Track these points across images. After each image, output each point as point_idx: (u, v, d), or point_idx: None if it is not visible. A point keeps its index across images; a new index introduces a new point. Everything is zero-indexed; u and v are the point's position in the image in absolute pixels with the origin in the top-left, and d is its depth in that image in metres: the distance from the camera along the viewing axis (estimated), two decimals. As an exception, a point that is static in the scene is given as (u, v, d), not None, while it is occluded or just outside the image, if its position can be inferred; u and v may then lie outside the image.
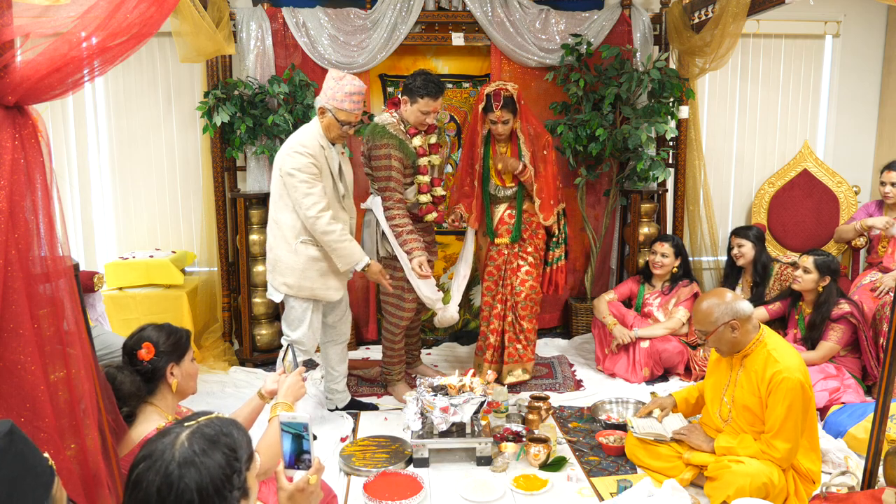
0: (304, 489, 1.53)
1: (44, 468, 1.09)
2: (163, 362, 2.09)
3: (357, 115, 3.04)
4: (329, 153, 3.07)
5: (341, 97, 2.97)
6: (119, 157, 4.51)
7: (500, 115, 3.47)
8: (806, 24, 4.81)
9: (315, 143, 3.01)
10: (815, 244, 4.67)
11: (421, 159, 3.39)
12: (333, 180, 3.08)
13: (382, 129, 3.30)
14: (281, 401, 2.01)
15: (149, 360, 2.07)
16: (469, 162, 3.67)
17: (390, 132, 3.29)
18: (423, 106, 3.26)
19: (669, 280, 4.08)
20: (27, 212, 1.46)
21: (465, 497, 2.62)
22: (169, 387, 2.11)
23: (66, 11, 1.48)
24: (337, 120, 3.00)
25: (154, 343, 2.09)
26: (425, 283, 3.39)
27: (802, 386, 2.42)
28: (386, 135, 3.28)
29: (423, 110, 3.27)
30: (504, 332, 3.72)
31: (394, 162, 3.28)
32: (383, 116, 3.38)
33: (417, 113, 3.28)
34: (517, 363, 3.74)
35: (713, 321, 2.55)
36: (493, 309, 3.72)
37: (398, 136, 3.30)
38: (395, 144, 3.28)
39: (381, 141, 3.28)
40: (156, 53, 4.42)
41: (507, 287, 3.69)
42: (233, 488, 1.19)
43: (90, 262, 4.54)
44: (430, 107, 3.26)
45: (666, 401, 2.96)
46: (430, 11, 4.24)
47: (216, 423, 1.25)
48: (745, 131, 4.97)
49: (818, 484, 2.53)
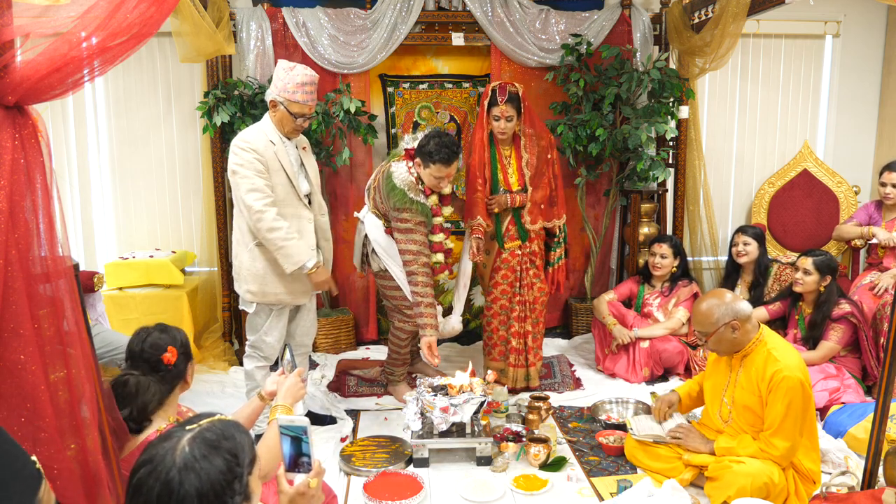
0: (304, 493, 1.52)
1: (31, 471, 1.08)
2: (184, 363, 2.13)
3: (311, 107, 2.93)
4: (283, 149, 2.95)
5: (293, 88, 2.86)
6: (119, 157, 4.51)
7: (504, 110, 3.41)
8: (806, 24, 4.81)
9: (262, 138, 2.91)
10: (815, 244, 4.67)
11: (435, 219, 3.31)
12: (289, 177, 2.95)
13: (403, 194, 3.18)
14: (280, 402, 2.00)
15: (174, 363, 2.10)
16: (476, 168, 3.56)
17: (412, 198, 3.18)
18: (435, 171, 3.14)
19: (669, 280, 4.08)
20: (27, 212, 1.46)
21: (465, 497, 2.62)
22: (185, 385, 2.15)
23: (66, 11, 1.48)
24: (290, 113, 2.90)
25: (175, 345, 2.11)
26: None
27: (802, 385, 2.42)
28: (408, 201, 3.18)
29: (436, 175, 3.15)
30: (527, 334, 3.67)
31: (420, 228, 3.20)
32: (402, 174, 3.21)
33: (431, 178, 3.17)
34: (533, 365, 3.72)
35: (713, 322, 2.55)
36: (512, 312, 3.64)
37: (419, 200, 3.20)
38: (418, 210, 3.19)
39: (405, 207, 3.18)
40: (156, 53, 4.42)
41: (524, 289, 3.63)
42: (234, 493, 1.18)
43: (90, 262, 4.54)
44: (443, 173, 3.14)
45: (672, 397, 2.96)
46: (430, 11, 4.24)
47: (218, 427, 1.24)
48: (745, 131, 4.97)
49: (818, 484, 2.53)
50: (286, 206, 2.96)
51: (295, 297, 3.05)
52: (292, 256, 2.89)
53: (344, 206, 4.45)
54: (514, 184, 3.58)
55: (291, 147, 3.04)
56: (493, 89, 3.44)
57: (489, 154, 3.56)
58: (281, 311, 3.10)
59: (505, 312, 3.67)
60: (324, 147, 4.14)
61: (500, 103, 3.41)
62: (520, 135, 3.55)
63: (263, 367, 3.16)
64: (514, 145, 3.58)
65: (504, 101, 3.40)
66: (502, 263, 3.63)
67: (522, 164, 3.56)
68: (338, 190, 4.42)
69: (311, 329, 3.32)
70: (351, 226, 4.45)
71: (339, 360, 4.24)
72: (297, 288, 3.04)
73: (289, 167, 2.96)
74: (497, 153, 3.58)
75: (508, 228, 3.61)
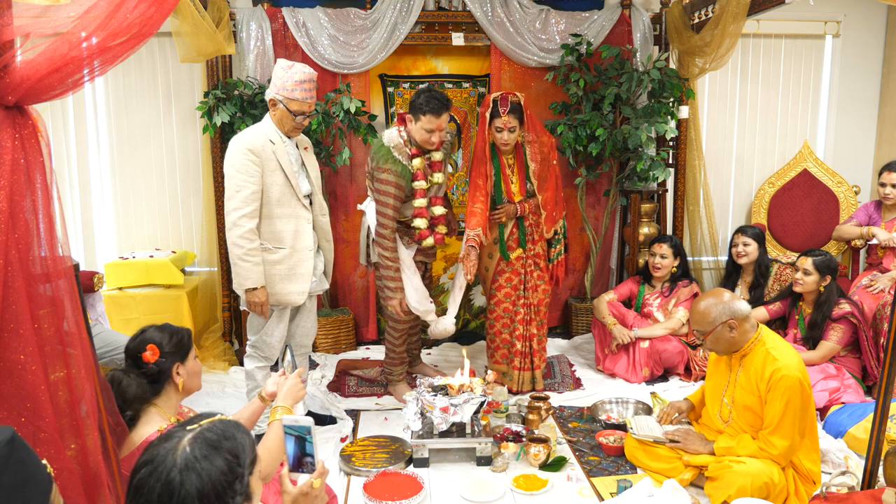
0: (307, 493, 1.52)
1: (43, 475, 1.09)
2: (168, 363, 2.10)
3: (310, 105, 2.93)
4: (283, 148, 2.95)
5: (291, 86, 2.86)
6: (119, 157, 4.51)
7: (507, 121, 3.36)
8: (806, 24, 4.81)
9: (262, 138, 2.91)
10: (815, 244, 4.67)
11: (416, 183, 3.28)
12: (288, 177, 2.95)
13: (388, 151, 3.21)
14: (280, 403, 2.00)
15: (154, 362, 2.08)
16: (478, 179, 3.51)
17: (395, 157, 3.21)
18: (426, 123, 3.15)
19: (669, 280, 4.08)
20: (27, 212, 1.46)
21: (465, 497, 2.62)
22: (175, 386, 2.12)
23: (66, 11, 1.48)
24: (289, 111, 2.90)
25: (158, 344, 2.09)
26: (414, 295, 3.37)
27: (801, 384, 2.43)
28: (390, 159, 3.20)
29: (427, 128, 3.16)
30: (531, 337, 3.65)
31: (392, 189, 3.20)
32: (391, 134, 3.26)
33: (421, 131, 3.18)
34: (538, 368, 3.72)
35: (711, 321, 2.55)
36: (517, 315, 3.63)
37: (402, 161, 3.22)
38: (397, 171, 3.19)
39: (385, 165, 3.19)
40: (156, 53, 4.42)
41: (529, 291, 3.61)
42: (235, 494, 1.18)
43: (90, 262, 4.54)
44: (433, 124, 3.14)
45: (682, 405, 2.95)
46: (430, 11, 4.24)
47: (218, 427, 1.24)
48: (745, 131, 4.97)
49: (818, 484, 2.53)
50: (283, 206, 2.96)
51: (291, 297, 3.05)
52: (240, 276, 2.91)
53: (344, 206, 4.44)
54: (516, 193, 3.55)
55: (292, 146, 3.04)
56: (495, 100, 3.39)
57: (492, 167, 3.51)
58: (282, 312, 3.10)
59: (508, 315, 3.65)
60: (324, 147, 4.14)
61: (502, 115, 3.36)
62: (523, 143, 3.52)
63: (264, 367, 3.16)
64: (516, 154, 3.55)
65: (507, 113, 3.36)
66: (506, 267, 3.62)
67: (529, 174, 3.52)
68: (338, 190, 4.42)
69: (312, 330, 3.32)
70: (351, 226, 4.46)
71: (339, 360, 4.24)
72: (294, 288, 3.04)
73: (288, 167, 2.96)
74: (500, 164, 3.53)
75: (512, 231, 3.59)
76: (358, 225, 4.16)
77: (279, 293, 3.01)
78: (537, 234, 3.62)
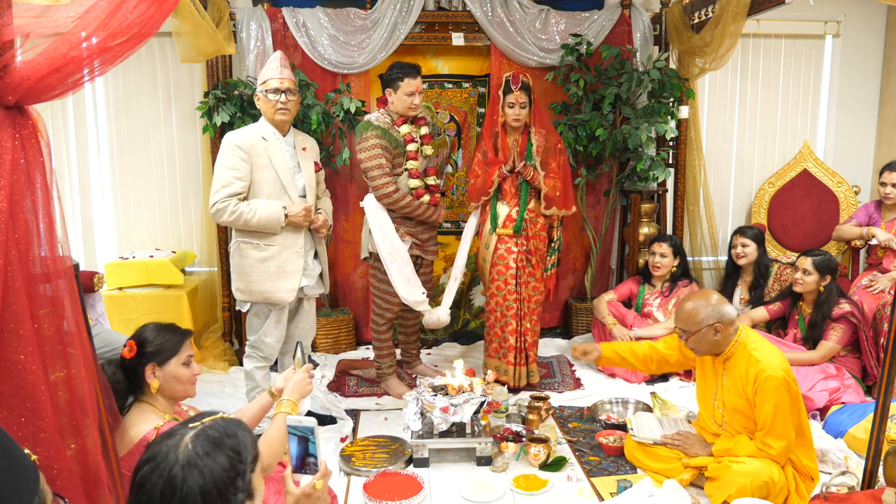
0: (310, 494, 1.52)
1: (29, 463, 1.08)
2: (143, 361, 2.03)
3: (282, 81, 2.98)
4: (276, 145, 3.01)
5: (263, 74, 3.01)
6: (119, 157, 4.51)
7: (518, 97, 3.51)
8: (806, 24, 4.81)
9: (253, 134, 2.99)
10: (815, 244, 4.67)
11: (409, 145, 3.39)
12: (278, 174, 3.00)
13: (367, 122, 3.35)
14: (287, 398, 2.01)
15: (129, 359, 2.04)
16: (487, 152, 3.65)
17: (374, 124, 3.33)
18: (406, 87, 3.28)
19: (669, 280, 4.08)
20: (27, 212, 1.46)
21: (465, 497, 2.62)
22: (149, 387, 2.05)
23: (66, 11, 1.48)
24: (268, 95, 2.98)
25: (139, 342, 2.05)
26: (404, 284, 3.40)
27: (787, 382, 2.43)
28: (370, 127, 3.32)
29: (407, 91, 3.29)
30: (525, 332, 3.68)
31: (378, 150, 3.30)
32: (375, 115, 3.40)
33: (403, 97, 3.31)
34: (533, 361, 3.74)
35: (698, 322, 2.54)
36: (510, 310, 3.66)
37: (381, 126, 3.33)
38: (377, 134, 3.30)
39: (366, 134, 3.32)
40: (156, 53, 4.42)
41: (521, 286, 3.64)
42: (237, 491, 1.19)
43: (90, 262, 4.54)
44: (412, 86, 3.29)
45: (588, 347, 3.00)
46: (430, 11, 4.24)
47: (220, 425, 1.24)
48: (745, 131, 4.97)
49: (817, 480, 2.54)
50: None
51: (279, 295, 3.04)
52: (268, 218, 2.94)
53: (344, 206, 4.44)
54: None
55: (287, 144, 3.07)
56: (507, 79, 3.57)
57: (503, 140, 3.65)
58: (280, 312, 3.10)
59: (500, 310, 3.68)
60: (324, 147, 4.14)
61: (514, 90, 3.52)
62: (529, 125, 3.63)
63: (263, 367, 3.17)
64: (522, 136, 3.65)
65: (518, 88, 3.52)
66: (498, 259, 3.66)
67: (533, 151, 3.60)
68: (338, 190, 4.42)
69: (311, 330, 3.33)
70: (351, 226, 4.46)
71: (339, 360, 4.24)
72: (283, 286, 3.04)
73: (280, 163, 3.00)
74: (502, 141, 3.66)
75: (506, 222, 3.62)
76: (358, 225, 4.17)
77: (268, 291, 3.02)
78: (535, 229, 3.63)
